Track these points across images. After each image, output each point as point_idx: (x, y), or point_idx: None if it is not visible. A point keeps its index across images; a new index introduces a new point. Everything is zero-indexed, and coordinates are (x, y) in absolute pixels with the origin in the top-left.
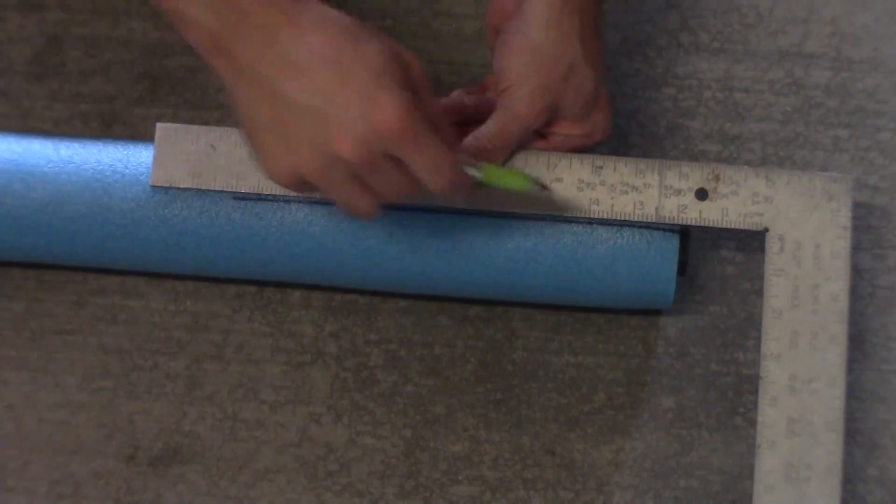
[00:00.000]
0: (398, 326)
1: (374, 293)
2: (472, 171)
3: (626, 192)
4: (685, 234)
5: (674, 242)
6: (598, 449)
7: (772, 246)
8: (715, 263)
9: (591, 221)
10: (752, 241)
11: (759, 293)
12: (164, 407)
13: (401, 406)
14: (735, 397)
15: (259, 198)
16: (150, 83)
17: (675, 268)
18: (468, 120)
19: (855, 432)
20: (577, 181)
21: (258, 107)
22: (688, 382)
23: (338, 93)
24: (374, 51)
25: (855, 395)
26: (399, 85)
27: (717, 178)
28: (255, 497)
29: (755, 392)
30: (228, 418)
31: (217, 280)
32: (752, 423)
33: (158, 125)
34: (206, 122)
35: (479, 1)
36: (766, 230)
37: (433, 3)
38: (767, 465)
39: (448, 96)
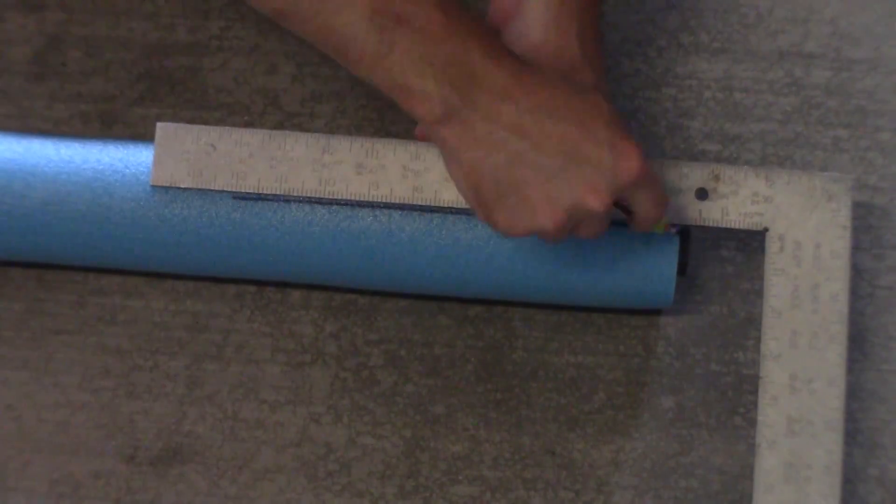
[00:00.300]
0: (398, 326)
1: (374, 293)
2: None
3: None
4: (685, 234)
5: (674, 242)
6: (598, 449)
7: (772, 246)
8: (715, 263)
9: None
10: (752, 241)
11: (759, 293)
12: (164, 407)
13: (401, 406)
14: (735, 397)
15: (259, 198)
16: (150, 83)
17: (675, 268)
18: None
19: (855, 432)
20: None
21: (496, 170)
22: (688, 382)
23: (581, 148)
24: (599, 99)
25: (855, 395)
26: (626, 129)
27: (716, 178)
28: (255, 497)
29: (755, 392)
30: (228, 418)
31: (217, 280)
32: (752, 423)
33: (158, 125)
34: (206, 122)
35: (479, 1)
36: (766, 230)
37: None
38: (767, 464)
39: None
